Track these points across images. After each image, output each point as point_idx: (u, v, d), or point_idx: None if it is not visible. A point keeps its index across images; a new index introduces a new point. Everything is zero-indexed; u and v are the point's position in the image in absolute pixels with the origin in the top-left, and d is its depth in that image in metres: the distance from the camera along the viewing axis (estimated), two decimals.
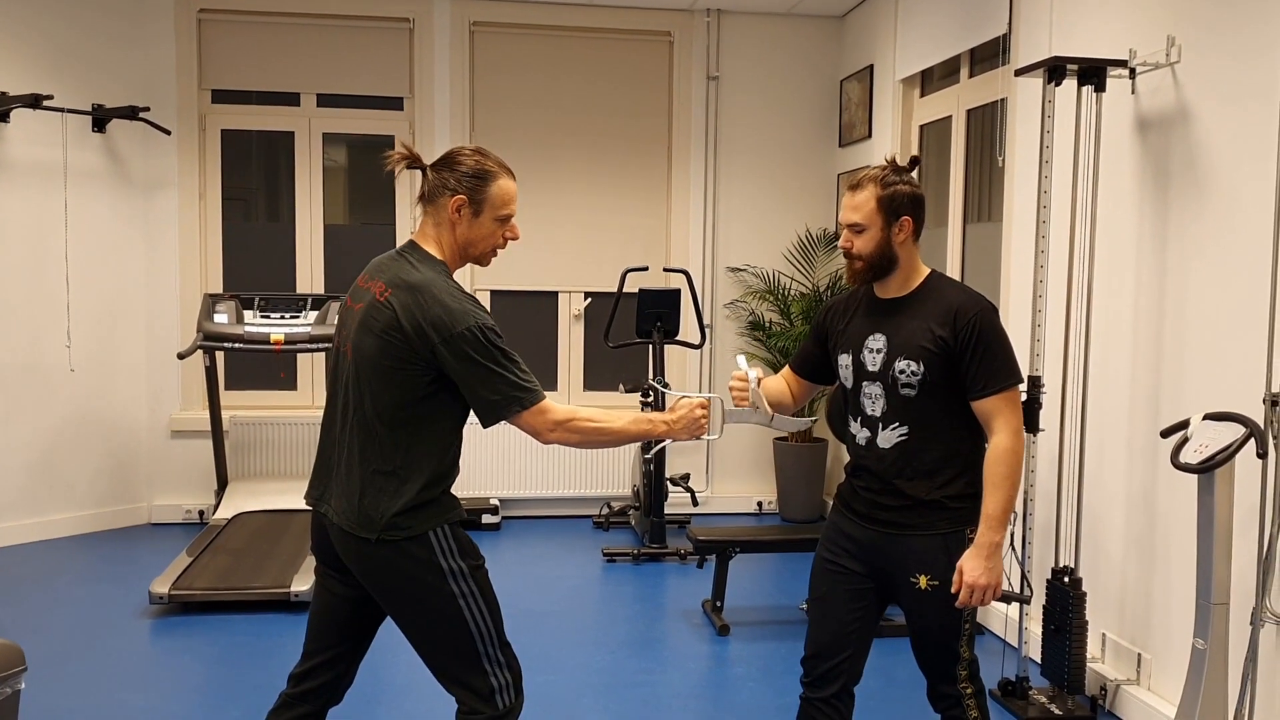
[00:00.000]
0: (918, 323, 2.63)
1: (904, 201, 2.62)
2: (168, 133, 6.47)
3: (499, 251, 2.65)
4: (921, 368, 2.59)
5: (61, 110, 6.09)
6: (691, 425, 2.63)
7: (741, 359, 2.79)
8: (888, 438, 2.65)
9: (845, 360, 2.74)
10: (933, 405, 2.61)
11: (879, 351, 2.66)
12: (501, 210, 2.57)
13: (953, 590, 2.58)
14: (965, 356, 2.58)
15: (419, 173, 2.60)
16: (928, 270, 2.73)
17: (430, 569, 2.49)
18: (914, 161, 2.75)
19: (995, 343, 2.59)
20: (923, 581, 2.63)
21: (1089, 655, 4.04)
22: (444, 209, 2.55)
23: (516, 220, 2.64)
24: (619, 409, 6.84)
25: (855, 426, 2.73)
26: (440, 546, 2.50)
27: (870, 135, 6.50)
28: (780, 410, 2.85)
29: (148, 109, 6.37)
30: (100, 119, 6.30)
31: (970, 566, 2.56)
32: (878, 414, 2.67)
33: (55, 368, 6.26)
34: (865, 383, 2.69)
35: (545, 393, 2.52)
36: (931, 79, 5.96)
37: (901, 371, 2.61)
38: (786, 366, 2.97)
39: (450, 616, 2.51)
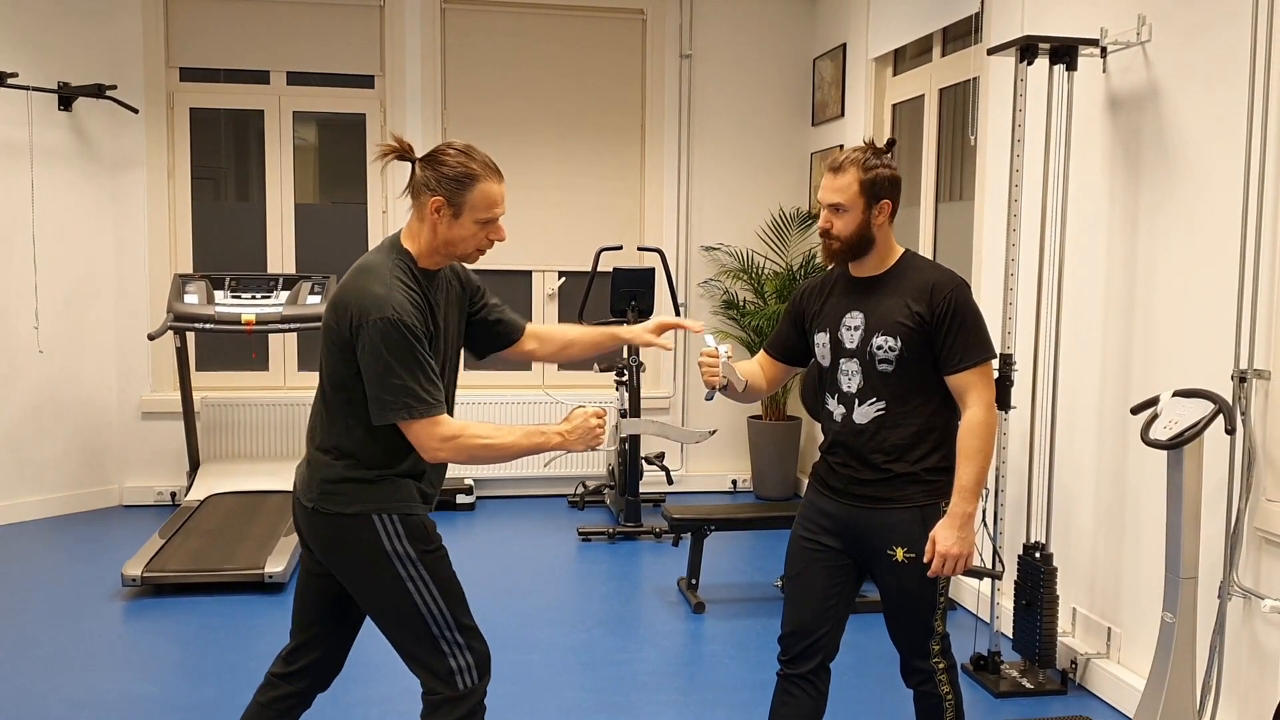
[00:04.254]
0: (894, 300, 2.65)
1: (884, 185, 2.64)
2: (135, 111, 6.39)
3: (484, 251, 2.58)
4: (899, 343, 2.61)
5: (26, 88, 6.01)
6: (586, 436, 2.56)
7: (709, 337, 2.79)
8: (864, 413, 2.68)
9: (822, 339, 2.76)
10: (909, 380, 2.64)
11: (856, 329, 2.68)
12: (483, 214, 2.50)
13: (925, 560, 2.61)
14: (941, 331, 2.60)
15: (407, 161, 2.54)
16: (902, 249, 2.75)
17: (375, 550, 2.49)
18: (890, 144, 2.77)
19: (970, 318, 2.62)
20: (899, 554, 2.65)
21: (1059, 629, 4.09)
22: (425, 207, 2.49)
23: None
24: (593, 391, 6.89)
25: (832, 403, 2.75)
26: (386, 530, 2.49)
27: (843, 114, 6.50)
28: (754, 392, 2.88)
29: (115, 87, 6.30)
30: (66, 97, 6.22)
31: (943, 536, 2.59)
32: (854, 390, 2.69)
33: (23, 349, 6.20)
34: (842, 359, 2.71)
35: (443, 409, 2.45)
36: (904, 58, 5.97)
37: (879, 347, 2.63)
38: (761, 351, 2.99)
39: (399, 599, 2.51)
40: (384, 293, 2.40)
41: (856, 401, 2.69)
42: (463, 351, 2.76)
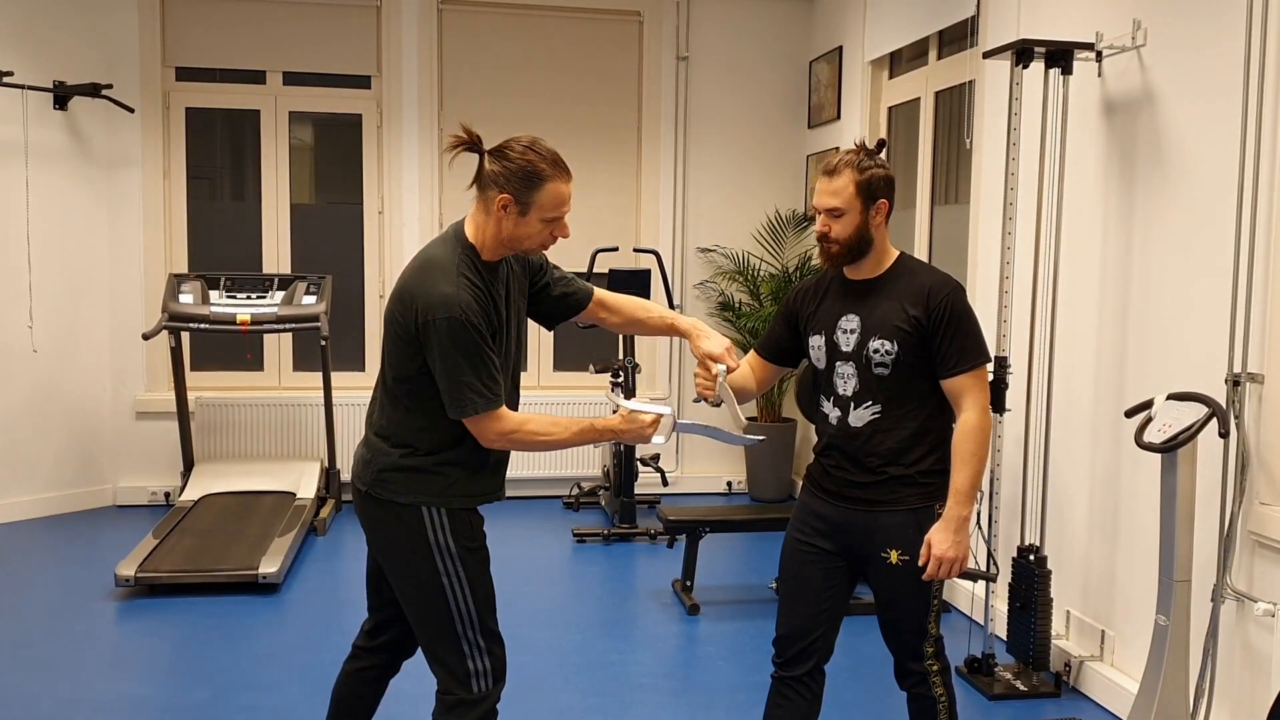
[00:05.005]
0: (891, 303, 2.65)
1: (880, 184, 2.65)
2: (131, 110, 6.38)
3: (548, 247, 2.60)
4: (895, 347, 2.62)
5: (22, 87, 6.00)
6: (639, 438, 2.60)
7: (721, 368, 2.70)
8: (860, 416, 2.68)
9: (818, 341, 2.76)
10: (904, 384, 2.64)
11: (852, 332, 2.68)
12: (550, 213, 2.52)
13: (920, 563, 2.61)
14: (937, 335, 2.61)
15: (476, 155, 2.52)
16: (897, 252, 2.75)
17: (418, 539, 2.52)
18: (881, 144, 2.77)
19: (966, 322, 2.62)
20: (893, 556, 2.66)
21: (1054, 632, 4.09)
22: (492, 202, 2.48)
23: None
24: (585, 391, 6.88)
25: (827, 406, 2.75)
26: (433, 522, 2.52)
27: (839, 117, 6.51)
28: (744, 394, 2.87)
29: (110, 86, 6.28)
30: (62, 96, 6.21)
31: (938, 540, 2.59)
32: (850, 393, 2.69)
33: (17, 349, 6.18)
34: (838, 363, 2.71)
35: (502, 403, 2.48)
36: (900, 61, 5.97)
37: (875, 351, 2.64)
38: (752, 351, 2.99)
39: (431, 592, 2.53)
40: (452, 292, 2.40)
41: (852, 404, 2.69)
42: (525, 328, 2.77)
